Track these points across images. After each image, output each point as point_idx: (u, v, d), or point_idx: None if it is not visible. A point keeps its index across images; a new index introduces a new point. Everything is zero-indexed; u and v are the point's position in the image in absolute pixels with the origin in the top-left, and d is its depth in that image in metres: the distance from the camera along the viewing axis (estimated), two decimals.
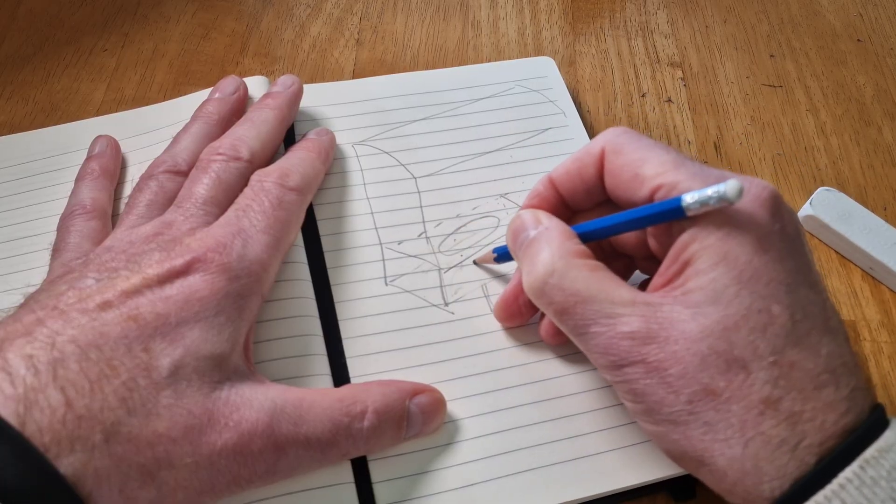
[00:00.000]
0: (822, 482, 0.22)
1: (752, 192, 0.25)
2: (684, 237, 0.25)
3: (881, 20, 0.49)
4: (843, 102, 0.45)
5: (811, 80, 0.46)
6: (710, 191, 0.24)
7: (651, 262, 0.29)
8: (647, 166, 0.27)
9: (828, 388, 0.24)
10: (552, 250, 0.27)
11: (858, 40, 0.48)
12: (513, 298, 0.32)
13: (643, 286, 0.29)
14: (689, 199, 0.24)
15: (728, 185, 0.23)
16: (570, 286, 0.26)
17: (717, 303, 0.24)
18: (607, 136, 0.29)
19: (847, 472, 0.22)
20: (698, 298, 0.24)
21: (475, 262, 0.35)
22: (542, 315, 0.32)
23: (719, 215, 0.25)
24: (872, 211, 0.38)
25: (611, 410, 0.31)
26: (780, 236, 0.25)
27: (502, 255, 0.33)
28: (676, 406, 0.24)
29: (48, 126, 0.39)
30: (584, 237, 0.28)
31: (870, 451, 0.23)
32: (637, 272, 0.32)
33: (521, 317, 0.32)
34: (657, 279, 0.26)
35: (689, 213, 0.25)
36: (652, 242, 0.28)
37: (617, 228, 0.28)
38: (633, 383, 0.25)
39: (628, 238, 0.29)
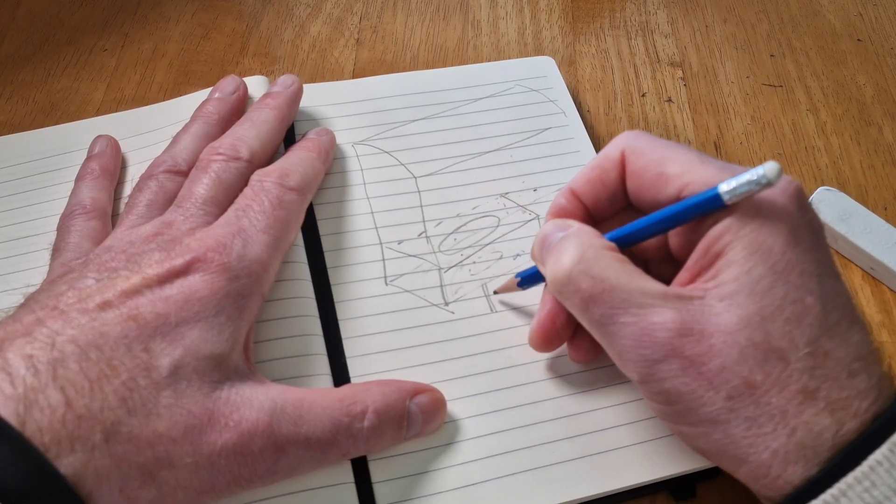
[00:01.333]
0: (852, 465, 0.22)
1: (780, 185, 0.25)
2: (717, 229, 0.25)
3: (881, 20, 0.49)
4: (843, 102, 0.45)
5: (811, 79, 0.46)
6: (748, 175, 0.24)
7: (667, 265, 0.28)
8: (670, 165, 0.27)
9: (860, 376, 0.24)
10: (580, 242, 0.27)
11: (858, 40, 0.48)
12: (549, 321, 0.29)
13: None
14: (726, 187, 0.24)
15: (767, 167, 0.23)
16: (599, 273, 0.25)
17: (753, 294, 0.24)
18: (625, 140, 0.28)
19: (877, 455, 0.22)
20: (733, 289, 0.24)
21: (495, 292, 0.34)
22: (571, 337, 0.31)
23: (751, 208, 0.24)
24: (873, 211, 0.38)
25: (611, 410, 0.31)
26: (808, 229, 0.25)
27: (527, 277, 0.32)
28: (716, 404, 0.24)
29: (48, 126, 0.39)
30: (621, 242, 0.27)
31: None
32: None
33: (560, 339, 0.30)
34: (683, 274, 0.26)
35: (729, 202, 0.24)
36: (673, 242, 0.28)
37: (653, 228, 0.27)
38: (667, 382, 0.24)
39: (649, 240, 0.29)
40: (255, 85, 0.38)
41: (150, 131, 0.38)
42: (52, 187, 0.36)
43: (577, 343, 0.30)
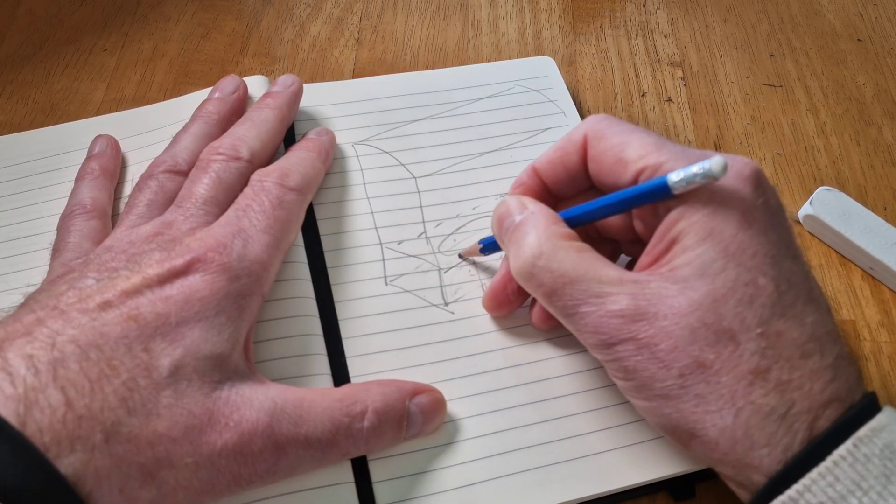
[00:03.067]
0: (816, 460, 0.23)
1: (735, 168, 0.26)
2: (671, 216, 0.25)
3: (881, 20, 0.49)
4: (843, 102, 0.45)
5: (811, 79, 0.46)
6: (696, 168, 0.24)
7: (637, 246, 0.29)
8: (629, 149, 0.27)
9: (814, 357, 0.24)
10: (538, 233, 0.27)
11: (858, 40, 0.48)
12: (501, 287, 0.32)
13: (629, 268, 0.29)
14: (674, 177, 0.25)
15: (713, 162, 0.24)
16: (559, 267, 0.26)
17: (705, 277, 0.24)
18: (589, 123, 0.29)
19: (841, 450, 0.23)
20: (686, 273, 0.25)
21: (460, 256, 0.35)
22: (532, 301, 0.32)
23: (705, 193, 0.25)
24: (872, 210, 0.38)
25: (610, 410, 0.31)
26: (764, 210, 0.25)
27: (488, 245, 0.33)
28: (668, 380, 0.25)
29: (48, 126, 0.39)
30: (571, 222, 0.28)
31: (863, 431, 0.23)
32: (622, 256, 0.33)
33: (511, 305, 0.32)
34: (644, 259, 0.27)
35: (676, 192, 0.25)
36: (638, 225, 0.28)
37: (603, 211, 0.28)
38: (624, 361, 0.25)
39: (614, 222, 0.30)
40: (255, 85, 0.38)
41: (150, 131, 0.38)
42: (51, 187, 0.36)
43: (536, 311, 0.31)
